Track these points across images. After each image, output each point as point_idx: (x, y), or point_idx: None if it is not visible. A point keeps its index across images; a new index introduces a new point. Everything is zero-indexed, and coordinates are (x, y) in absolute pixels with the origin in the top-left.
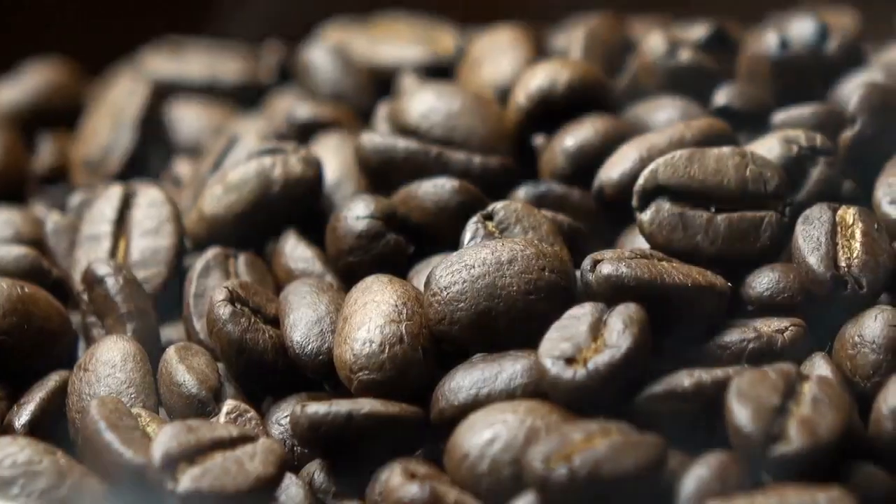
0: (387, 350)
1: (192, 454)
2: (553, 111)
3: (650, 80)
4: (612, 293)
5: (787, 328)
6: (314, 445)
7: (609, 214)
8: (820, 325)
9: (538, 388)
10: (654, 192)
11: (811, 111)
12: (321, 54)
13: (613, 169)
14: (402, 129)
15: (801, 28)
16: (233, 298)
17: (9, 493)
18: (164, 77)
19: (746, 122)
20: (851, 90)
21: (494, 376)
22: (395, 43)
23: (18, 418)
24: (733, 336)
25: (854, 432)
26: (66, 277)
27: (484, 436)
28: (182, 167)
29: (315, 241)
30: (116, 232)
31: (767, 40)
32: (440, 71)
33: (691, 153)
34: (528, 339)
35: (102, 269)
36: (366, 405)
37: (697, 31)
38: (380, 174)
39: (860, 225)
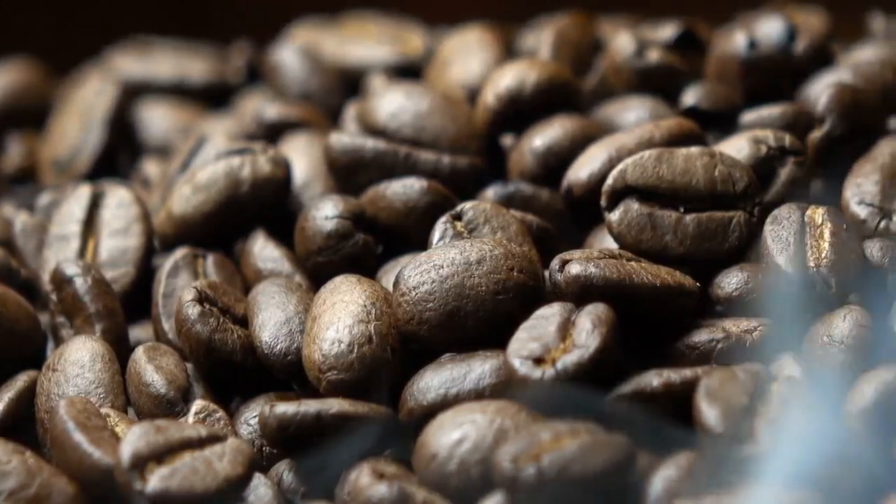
0: (355, 350)
1: (161, 454)
2: (522, 111)
3: (619, 81)
4: (580, 293)
5: (755, 328)
6: (283, 445)
7: (578, 214)
8: (789, 326)
9: (507, 388)
10: (623, 192)
11: (780, 111)
12: (290, 54)
13: (582, 169)
14: (371, 129)
15: (770, 28)
16: (201, 298)
17: None
18: (133, 77)
19: (715, 122)
20: (820, 90)
21: (463, 376)
22: (364, 43)
23: None
24: (702, 336)
25: (823, 432)
26: (34, 277)
27: (453, 436)
28: (151, 167)
29: (284, 241)
30: (85, 232)
31: (736, 40)
32: (409, 71)
33: (660, 153)
34: (497, 339)
35: (71, 269)
36: (334, 405)
37: (666, 31)
38: (348, 174)
39: (829, 225)
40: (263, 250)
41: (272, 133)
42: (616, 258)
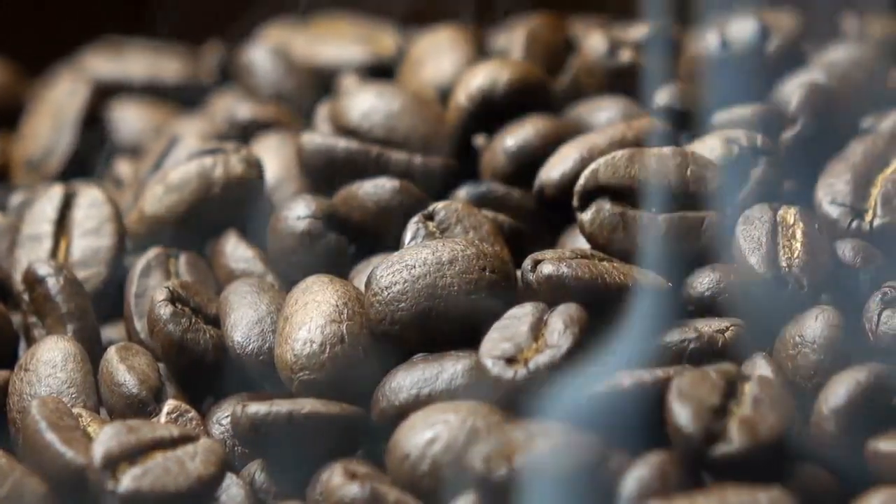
0: (327, 350)
1: (133, 454)
2: (494, 111)
3: (591, 81)
4: (552, 293)
5: (727, 328)
6: (255, 445)
7: (550, 214)
8: (761, 326)
9: (479, 388)
10: (595, 192)
11: (752, 111)
12: (262, 54)
13: (554, 169)
14: (343, 130)
15: (742, 28)
16: (174, 298)
17: None
18: (105, 77)
19: (687, 123)
20: (792, 90)
21: (435, 376)
22: (336, 43)
23: None
24: (674, 336)
25: (795, 432)
26: (6, 277)
27: (425, 436)
28: (123, 167)
29: (256, 241)
30: (57, 232)
31: (708, 40)
32: (381, 71)
33: (632, 153)
34: (470, 339)
35: (43, 269)
36: (306, 405)
37: (638, 31)
38: (321, 174)
39: (801, 225)
40: (236, 250)
41: (244, 133)
42: (588, 258)
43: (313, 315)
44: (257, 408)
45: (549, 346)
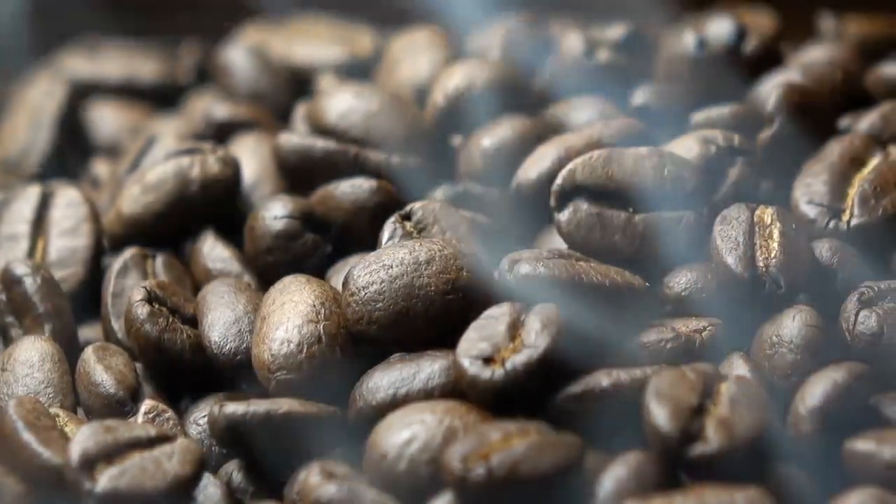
0: (305, 350)
1: (110, 454)
2: (471, 111)
3: (568, 81)
4: (530, 293)
5: (704, 328)
6: (232, 445)
7: (527, 214)
8: (738, 325)
9: (456, 388)
10: (572, 192)
11: (729, 111)
12: (239, 54)
13: (531, 169)
14: (321, 130)
15: (719, 28)
16: (151, 298)
17: None
18: (82, 77)
19: (664, 122)
20: (769, 90)
21: (412, 376)
22: (314, 43)
23: None
24: (651, 336)
25: (772, 432)
26: None
27: (402, 436)
28: (100, 167)
29: (233, 242)
30: (34, 232)
31: (685, 40)
32: (358, 71)
33: (609, 153)
34: (447, 338)
35: (20, 269)
36: (284, 405)
37: (615, 31)
38: (298, 174)
39: (778, 225)
40: (213, 250)
41: (221, 133)
42: (565, 258)
43: (290, 315)
44: (234, 408)
45: (527, 345)
